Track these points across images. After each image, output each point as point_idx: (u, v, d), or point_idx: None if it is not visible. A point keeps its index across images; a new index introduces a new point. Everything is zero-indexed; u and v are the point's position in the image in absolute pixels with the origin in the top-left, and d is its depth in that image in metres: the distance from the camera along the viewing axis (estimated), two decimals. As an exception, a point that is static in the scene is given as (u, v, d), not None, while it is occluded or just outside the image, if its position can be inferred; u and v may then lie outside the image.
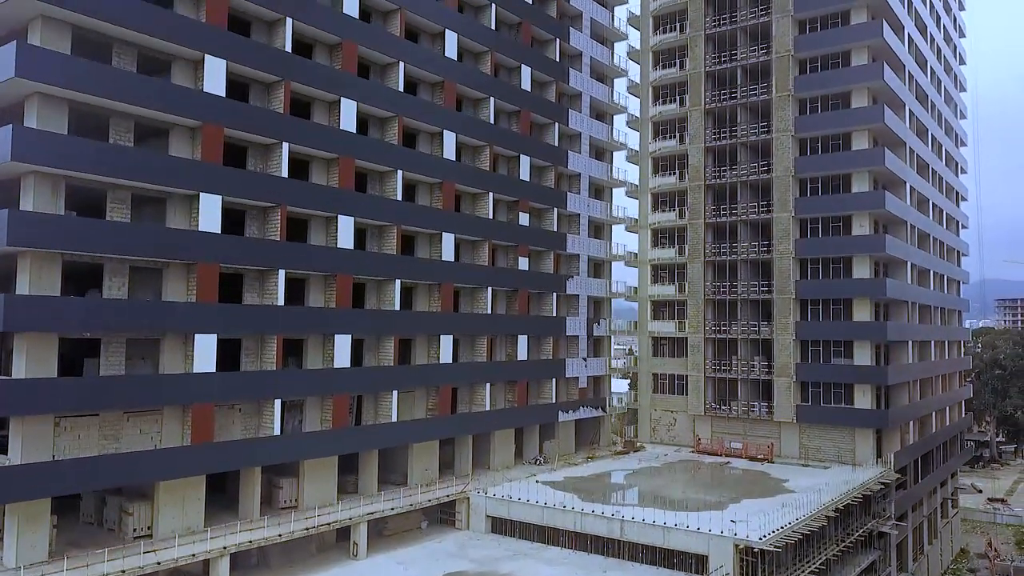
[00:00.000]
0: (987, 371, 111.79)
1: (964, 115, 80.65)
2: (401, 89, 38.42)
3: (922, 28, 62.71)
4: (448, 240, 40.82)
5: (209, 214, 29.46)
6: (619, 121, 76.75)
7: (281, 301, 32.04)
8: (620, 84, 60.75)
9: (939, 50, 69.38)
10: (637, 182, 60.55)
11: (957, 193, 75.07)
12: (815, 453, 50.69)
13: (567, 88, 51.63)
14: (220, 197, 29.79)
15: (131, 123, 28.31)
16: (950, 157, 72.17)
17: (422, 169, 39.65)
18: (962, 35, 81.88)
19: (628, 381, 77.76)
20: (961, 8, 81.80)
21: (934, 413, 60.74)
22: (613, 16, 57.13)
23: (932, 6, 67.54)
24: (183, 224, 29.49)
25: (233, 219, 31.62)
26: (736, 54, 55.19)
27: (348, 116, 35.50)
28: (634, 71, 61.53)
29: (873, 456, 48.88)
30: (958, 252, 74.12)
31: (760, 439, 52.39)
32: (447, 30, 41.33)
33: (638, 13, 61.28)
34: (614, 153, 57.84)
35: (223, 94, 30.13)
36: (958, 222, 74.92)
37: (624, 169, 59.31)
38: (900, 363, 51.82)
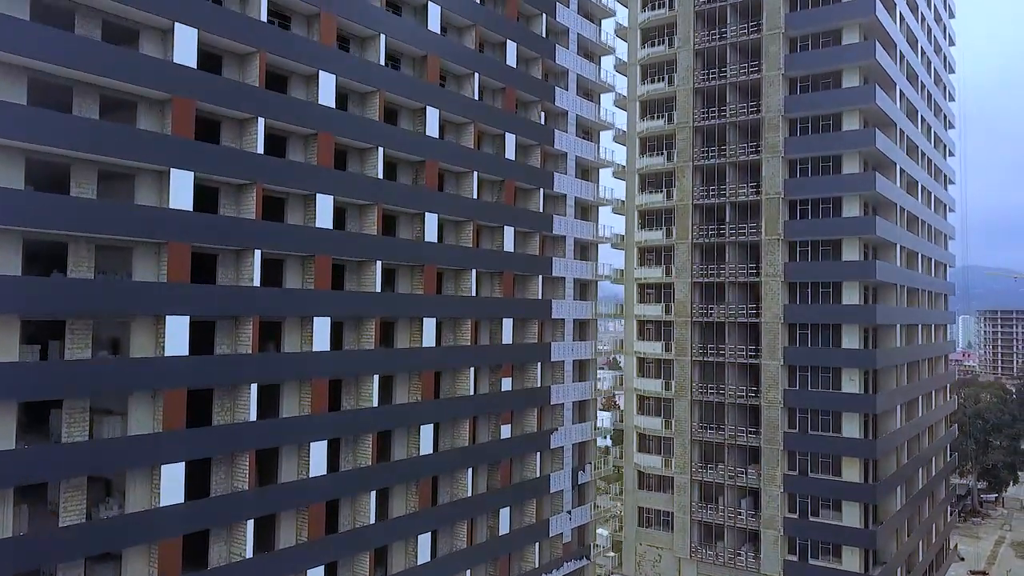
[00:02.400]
0: (970, 423, 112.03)
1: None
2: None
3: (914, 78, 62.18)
4: (427, 431, 39.34)
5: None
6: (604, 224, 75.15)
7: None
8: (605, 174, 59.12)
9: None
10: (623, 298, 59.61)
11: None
12: (803, 609, 49.83)
13: (551, 192, 50.12)
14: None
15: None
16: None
17: (400, 366, 38.20)
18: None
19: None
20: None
21: (921, 541, 60.09)
22: (599, 108, 55.45)
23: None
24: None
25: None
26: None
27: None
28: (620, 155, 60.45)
29: (862, 616, 48.13)
30: (945, 331, 73.32)
31: (747, 588, 51.47)
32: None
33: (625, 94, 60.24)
34: (597, 284, 56.33)
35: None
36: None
37: (611, 296, 58.09)
38: (891, 516, 50.84)
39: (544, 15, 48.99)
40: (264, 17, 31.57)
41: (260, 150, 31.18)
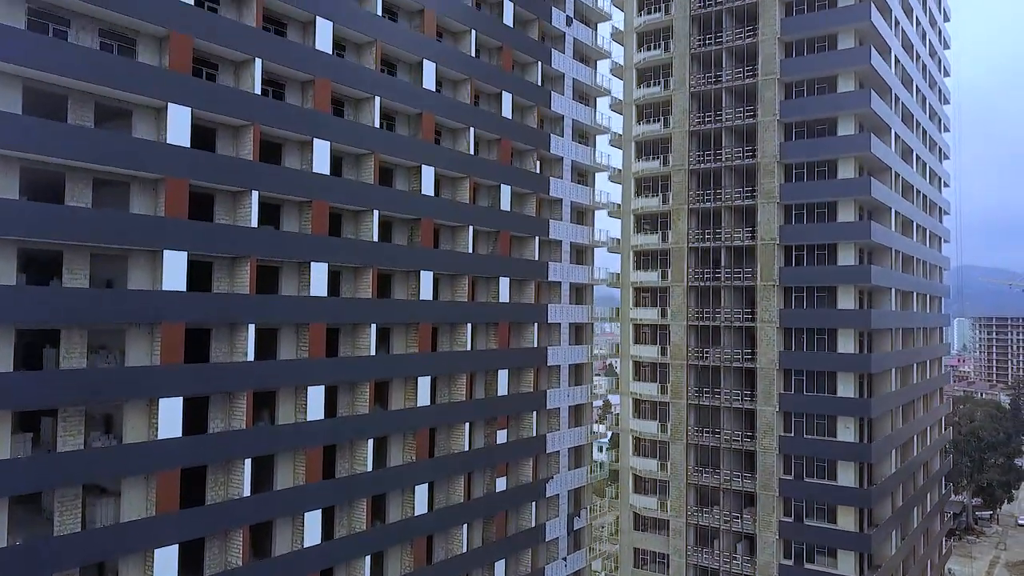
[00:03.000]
0: (965, 441, 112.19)
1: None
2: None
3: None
4: (422, 491, 39.28)
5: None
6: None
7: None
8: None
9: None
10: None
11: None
12: (798, 656, 49.80)
13: (548, 237, 50.12)
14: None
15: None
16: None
17: (394, 427, 38.12)
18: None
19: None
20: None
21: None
22: (595, 151, 55.44)
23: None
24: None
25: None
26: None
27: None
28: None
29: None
30: (939, 364, 73.41)
31: (742, 632, 51.48)
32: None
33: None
34: (593, 327, 56.34)
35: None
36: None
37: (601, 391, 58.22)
38: (886, 561, 50.84)
39: (539, 63, 49.00)
40: (258, 89, 31.52)
41: (254, 223, 31.11)
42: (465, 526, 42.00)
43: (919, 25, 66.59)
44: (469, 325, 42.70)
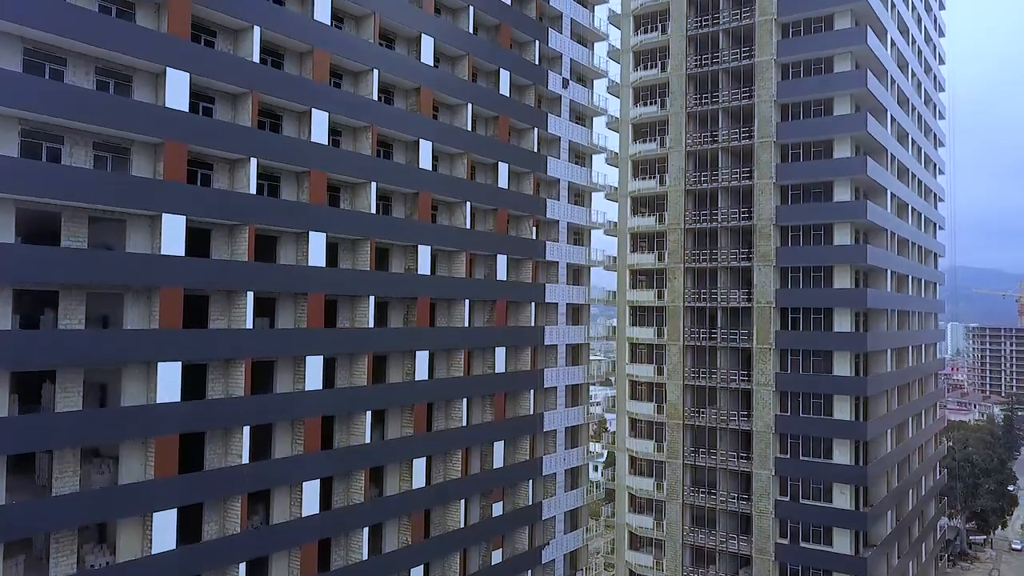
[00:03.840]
0: (959, 468, 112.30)
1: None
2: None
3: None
4: (417, 573, 39.06)
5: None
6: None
7: None
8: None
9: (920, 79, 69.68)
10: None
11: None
12: None
13: (544, 300, 50.03)
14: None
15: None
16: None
17: (389, 512, 37.91)
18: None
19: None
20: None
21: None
22: (590, 210, 55.57)
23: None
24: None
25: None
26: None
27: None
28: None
29: None
30: (935, 409, 73.43)
31: None
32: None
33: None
34: (588, 388, 56.25)
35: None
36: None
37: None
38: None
39: (535, 128, 48.94)
40: (253, 188, 31.30)
41: (249, 324, 30.91)
42: (462, 603, 41.84)
43: (915, 77, 66.76)
44: (464, 400, 42.51)
